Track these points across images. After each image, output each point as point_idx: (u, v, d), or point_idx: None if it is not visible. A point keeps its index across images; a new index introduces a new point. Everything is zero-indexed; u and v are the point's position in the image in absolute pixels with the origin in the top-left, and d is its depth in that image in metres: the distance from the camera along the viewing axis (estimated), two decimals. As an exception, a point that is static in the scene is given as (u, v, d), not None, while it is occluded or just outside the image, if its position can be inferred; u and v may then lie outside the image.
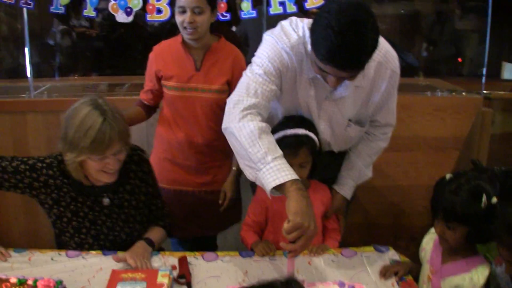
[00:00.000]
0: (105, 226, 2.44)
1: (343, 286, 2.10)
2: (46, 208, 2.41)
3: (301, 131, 2.35)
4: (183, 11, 2.65)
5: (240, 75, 2.40)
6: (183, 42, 2.80)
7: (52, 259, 2.40)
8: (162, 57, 2.85)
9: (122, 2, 3.40)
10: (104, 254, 2.42)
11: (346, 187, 2.62)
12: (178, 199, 2.95)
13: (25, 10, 3.52)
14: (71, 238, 2.43)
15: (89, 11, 3.49)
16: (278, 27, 2.31)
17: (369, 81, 2.29)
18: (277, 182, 1.95)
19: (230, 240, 3.35)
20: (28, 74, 3.70)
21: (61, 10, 3.50)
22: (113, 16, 3.45)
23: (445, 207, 1.96)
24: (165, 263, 2.34)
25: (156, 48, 2.89)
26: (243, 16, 3.51)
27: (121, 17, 3.42)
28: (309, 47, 2.09)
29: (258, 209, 2.54)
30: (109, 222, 2.44)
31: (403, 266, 2.28)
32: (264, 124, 2.12)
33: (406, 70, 5.07)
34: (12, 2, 3.47)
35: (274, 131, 2.35)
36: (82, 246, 2.43)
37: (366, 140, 2.60)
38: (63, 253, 2.43)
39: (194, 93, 2.78)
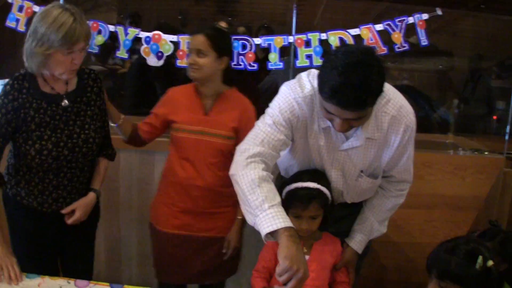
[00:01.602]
0: (64, 134, 2.57)
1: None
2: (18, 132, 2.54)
3: (312, 184, 2.40)
4: (189, 53, 2.80)
5: (248, 125, 2.54)
6: (196, 88, 2.90)
7: (60, 287, 2.45)
8: (174, 99, 2.94)
9: (154, 47, 3.54)
10: (111, 287, 2.47)
11: (357, 241, 2.62)
12: (176, 243, 2.96)
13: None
14: (31, 146, 2.52)
15: (122, 53, 3.63)
16: (295, 78, 2.39)
17: (382, 134, 2.33)
18: (271, 229, 2.03)
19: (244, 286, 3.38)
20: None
21: (95, 50, 3.66)
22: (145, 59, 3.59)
23: (439, 265, 1.95)
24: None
25: (171, 91, 2.99)
26: (270, 67, 3.59)
27: (152, 61, 3.54)
28: None
29: (268, 255, 2.55)
30: (67, 130, 2.57)
31: None
32: (265, 173, 2.20)
33: (440, 125, 5.13)
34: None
35: (287, 183, 2.45)
36: (41, 152, 2.52)
37: (381, 195, 2.61)
38: (72, 281, 2.48)
39: (200, 136, 2.83)
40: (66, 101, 2.59)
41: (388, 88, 2.32)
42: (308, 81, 2.34)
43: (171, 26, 4.77)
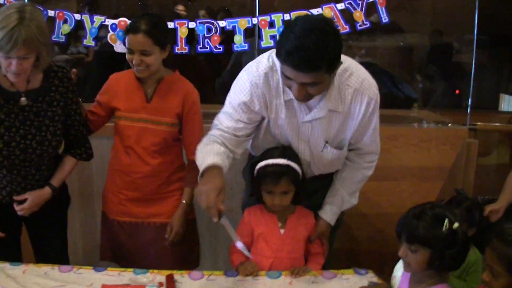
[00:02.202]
0: (18, 133, 2.52)
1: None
2: None
3: (282, 161, 2.47)
4: (131, 52, 2.72)
5: (191, 109, 2.77)
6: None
7: (45, 273, 2.49)
8: (115, 86, 2.90)
9: (120, 33, 3.54)
10: (96, 270, 2.52)
11: (329, 213, 2.68)
12: (127, 231, 2.98)
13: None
14: None
15: (88, 41, 3.63)
16: (256, 58, 2.49)
17: (345, 106, 2.42)
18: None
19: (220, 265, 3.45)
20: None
21: (62, 39, 3.64)
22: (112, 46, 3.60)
23: (408, 230, 2.01)
24: (153, 280, 2.42)
25: (112, 77, 2.95)
26: (235, 49, 3.62)
27: (120, 47, 3.55)
28: None
29: (244, 231, 2.61)
30: (22, 129, 2.53)
31: (380, 287, 2.36)
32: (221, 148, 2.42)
33: (403, 101, 5.23)
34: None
35: (258, 161, 2.53)
36: None
37: (351, 168, 2.68)
38: (56, 267, 2.52)
39: (144, 124, 2.82)
40: (24, 99, 2.52)
41: (351, 62, 2.43)
42: (267, 58, 2.43)
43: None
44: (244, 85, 2.44)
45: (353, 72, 2.39)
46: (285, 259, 2.54)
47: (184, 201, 2.92)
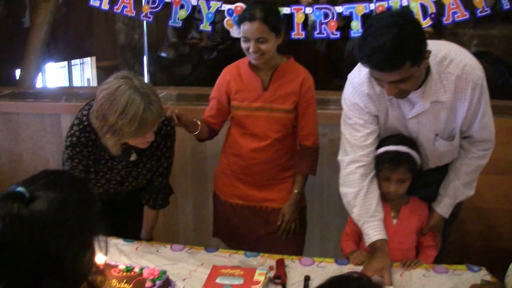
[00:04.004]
0: (115, 180, 2.63)
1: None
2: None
3: (403, 148, 2.43)
4: (247, 40, 2.72)
5: (306, 96, 2.75)
6: (250, 63, 2.84)
7: (157, 250, 2.59)
8: (231, 78, 2.89)
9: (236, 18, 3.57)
10: (207, 251, 2.59)
11: (442, 205, 2.61)
12: (239, 214, 3.02)
13: (144, 22, 3.75)
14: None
15: (205, 26, 3.70)
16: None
17: (450, 95, 2.33)
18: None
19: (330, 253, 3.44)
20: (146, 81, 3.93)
21: (179, 24, 3.73)
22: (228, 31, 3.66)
23: None
24: (263, 263, 2.45)
25: (226, 70, 2.96)
26: (352, 35, 3.59)
27: (235, 32, 3.59)
28: None
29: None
30: (119, 177, 2.62)
31: (493, 287, 2.26)
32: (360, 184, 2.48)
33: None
34: (133, 15, 3.75)
35: (378, 146, 2.50)
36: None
37: (464, 157, 2.58)
38: (168, 246, 2.62)
39: (262, 112, 2.83)
40: (134, 155, 2.59)
41: (449, 48, 2.35)
42: None
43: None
44: (351, 92, 2.46)
45: (453, 59, 2.31)
46: (395, 249, 2.49)
47: (296, 191, 2.92)
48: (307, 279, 2.31)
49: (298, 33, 3.53)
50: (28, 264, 1.25)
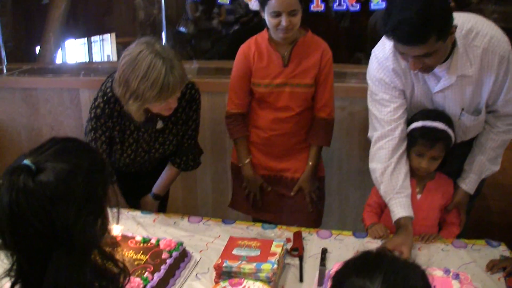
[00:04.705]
0: (141, 148, 2.64)
1: (448, 273, 2.07)
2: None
3: (441, 125, 2.38)
4: (278, 15, 2.61)
5: (325, 69, 2.73)
6: (269, 38, 2.78)
7: (174, 222, 2.59)
8: (249, 56, 2.83)
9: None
10: (224, 222, 2.58)
11: (468, 181, 2.57)
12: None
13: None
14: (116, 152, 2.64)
15: (223, -1, 3.65)
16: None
17: (476, 69, 2.29)
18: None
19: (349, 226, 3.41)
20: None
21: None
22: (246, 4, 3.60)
23: None
24: (280, 235, 2.44)
25: (243, 48, 2.88)
26: (372, 7, 3.49)
27: (255, 5, 3.53)
28: None
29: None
30: (145, 144, 2.63)
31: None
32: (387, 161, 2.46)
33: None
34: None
35: (413, 120, 2.46)
36: (120, 159, 2.66)
37: (489, 132, 2.54)
38: (185, 218, 2.61)
39: (283, 88, 2.79)
40: (160, 122, 2.59)
41: (475, 21, 2.30)
42: None
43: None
44: (376, 68, 2.43)
45: (479, 32, 2.26)
46: (418, 225, 2.44)
47: (310, 163, 2.91)
48: (324, 251, 2.29)
49: (317, 5, 3.47)
50: (37, 236, 1.25)
